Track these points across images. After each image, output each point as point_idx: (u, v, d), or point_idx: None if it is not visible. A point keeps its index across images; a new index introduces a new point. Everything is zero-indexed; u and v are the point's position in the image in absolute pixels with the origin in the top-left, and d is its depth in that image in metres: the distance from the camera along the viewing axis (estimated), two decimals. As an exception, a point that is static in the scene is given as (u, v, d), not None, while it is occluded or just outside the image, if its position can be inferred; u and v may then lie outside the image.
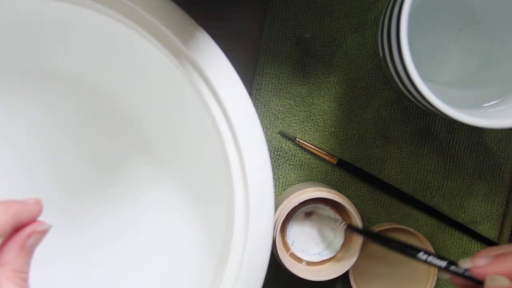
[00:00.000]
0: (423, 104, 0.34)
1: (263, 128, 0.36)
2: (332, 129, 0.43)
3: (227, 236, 0.33)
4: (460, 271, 0.32)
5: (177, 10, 0.32)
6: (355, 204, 0.43)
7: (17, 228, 0.27)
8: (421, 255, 0.33)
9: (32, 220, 0.28)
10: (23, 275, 0.27)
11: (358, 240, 0.39)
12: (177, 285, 0.38)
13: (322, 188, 0.40)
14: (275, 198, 0.41)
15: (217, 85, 0.32)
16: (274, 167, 0.43)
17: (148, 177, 0.40)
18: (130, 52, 0.36)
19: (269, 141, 0.43)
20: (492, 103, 0.37)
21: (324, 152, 0.42)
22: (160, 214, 0.40)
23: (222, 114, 0.32)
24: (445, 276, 0.33)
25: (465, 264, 0.32)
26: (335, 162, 0.42)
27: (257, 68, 0.42)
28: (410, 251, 0.33)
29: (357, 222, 0.39)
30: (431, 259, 0.32)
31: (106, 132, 0.39)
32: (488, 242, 0.44)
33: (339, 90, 0.43)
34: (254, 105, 0.33)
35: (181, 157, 0.38)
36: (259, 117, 0.34)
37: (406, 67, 0.32)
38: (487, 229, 0.44)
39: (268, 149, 0.34)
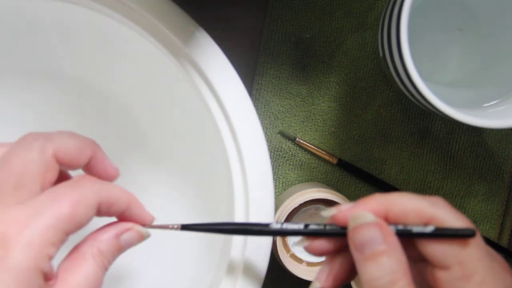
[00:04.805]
0: (423, 104, 0.34)
1: (263, 128, 0.36)
2: (332, 129, 0.43)
3: (227, 236, 0.33)
4: (320, 227, 0.26)
5: (177, 10, 0.32)
6: (355, 204, 0.43)
7: (122, 219, 0.28)
8: (274, 225, 0.27)
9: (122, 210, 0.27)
10: (105, 260, 0.26)
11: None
12: (177, 285, 0.38)
13: (322, 189, 0.40)
14: (275, 198, 0.41)
15: (217, 85, 0.32)
16: (274, 167, 0.43)
17: (147, 178, 0.39)
18: (130, 52, 0.36)
19: (269, 141, 0.42)
20: (492, 103, 0.37)
21: (324, 152, 0.42)
22: (160, 215, 0.39)
23: (222, 114, 0.32)
24: (303, 244, 0.27)
25: (328, 212, 0.27)
26: (335, 162, 0.42)
27: (257, 68, 0.42)
28: (258, 228, 0.27)
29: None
30: (286, 226, 0.27)
31: (105, 131, 0.39)
32: (488, 242, 0.44)
33: (339, 90, 0.43)
34: (254, 105, 0.33)
35: (182, 157, 0.38)
36: (259, 117, 0.34)
37: (406, 67, 0.32)
38: (487, 229, 0.44)
39: (268, 149, 0.34)
